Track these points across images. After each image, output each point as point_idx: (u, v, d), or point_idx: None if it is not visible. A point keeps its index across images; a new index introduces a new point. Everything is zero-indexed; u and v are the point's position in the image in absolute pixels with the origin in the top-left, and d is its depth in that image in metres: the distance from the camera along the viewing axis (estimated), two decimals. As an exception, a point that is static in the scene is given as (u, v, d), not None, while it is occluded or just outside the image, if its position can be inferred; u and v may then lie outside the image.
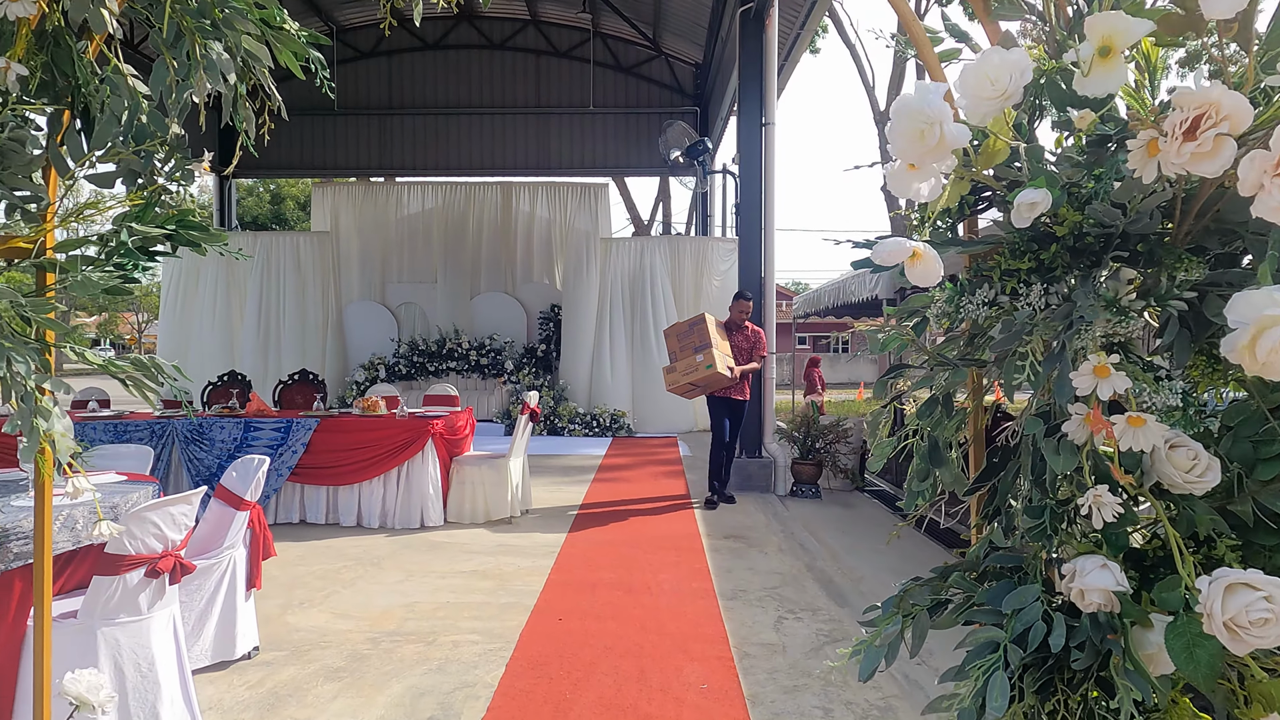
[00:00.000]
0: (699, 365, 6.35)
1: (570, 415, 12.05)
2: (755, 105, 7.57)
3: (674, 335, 6.60)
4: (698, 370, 6.34)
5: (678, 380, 6.46)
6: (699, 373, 6.34)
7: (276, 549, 5.34)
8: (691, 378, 6.37)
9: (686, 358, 6.41)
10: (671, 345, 6.58)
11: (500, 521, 6.12)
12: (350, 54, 15.07)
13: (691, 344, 6.48)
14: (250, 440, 6.04)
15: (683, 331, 6.53)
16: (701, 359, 6.35)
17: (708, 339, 6.41)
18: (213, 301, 13.17)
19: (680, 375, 6.43)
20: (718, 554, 5.29)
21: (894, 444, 1.32)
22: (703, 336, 6.40)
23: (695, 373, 6.34)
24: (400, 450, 5.97)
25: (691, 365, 6.37)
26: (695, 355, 6.41)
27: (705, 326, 6.43)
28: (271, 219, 38.58)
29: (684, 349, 6.46)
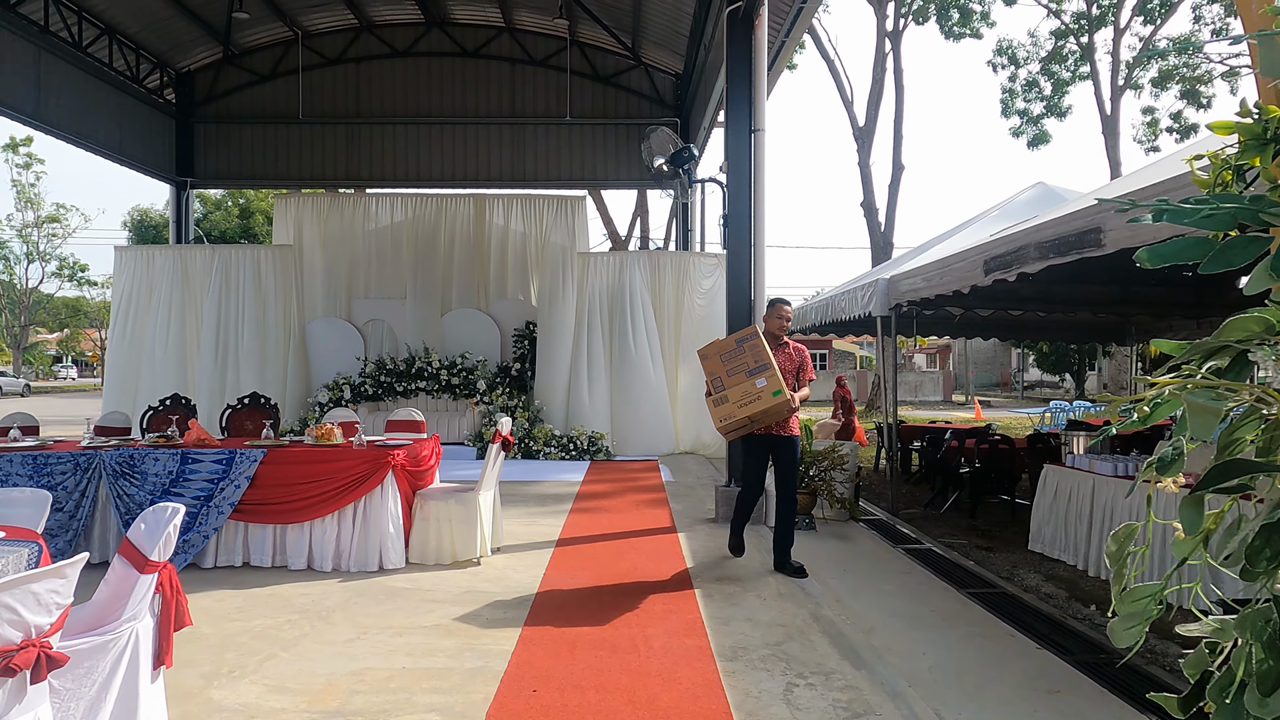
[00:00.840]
0: (760, 393, 5.02)
1: (546, 438, 11.47)
2: (744, 111, 7.12)
3: (715, 356, 5.25)
4: (759, 400, 5.01)
5: (732, 414, 5.07)
6: (761, 402, 5.01)
7: (213, 598, 4.74)
8: (751, 409, 5.02)
9: (740, 384, 5.08)
10: (713, 368, 5.22)
11: (468, 562, 5.53)
12: (316, 60, 14.49)
13: (743, 366, 5.14)
14: (187, 474, 5.41)
15: (728, 351, 5.21)
16: (764, 384, 5.03)
17: (765, 359, 5.13)
18: (167, 318, 12.45)
19: (736, 407, 5.07)
20: (711, 600, 4.75)
21: (1153, 602, 0.80)
22: (759, 356, 5.11)
23: (756, 403, 5.01)
24: (356, 484, 5.37)
25: (749, 393, 5.03)
26: (753, 380, 5.07)
27: (760, 343, 5.16)
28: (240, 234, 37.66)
29: (734, 372, 5.13)
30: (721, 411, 5.13)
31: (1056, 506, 6.57)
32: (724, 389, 5.14)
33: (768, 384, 5.04)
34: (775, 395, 5.02)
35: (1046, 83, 28.18)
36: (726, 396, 5.11)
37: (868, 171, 24.23)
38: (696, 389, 12.25)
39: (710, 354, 5.30)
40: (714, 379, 5.20)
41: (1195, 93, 27.15)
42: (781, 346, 5.49)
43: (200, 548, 5.36)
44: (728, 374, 5.16)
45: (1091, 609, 5.09)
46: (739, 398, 5.07)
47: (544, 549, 6.04)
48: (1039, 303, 8.83)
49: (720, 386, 5.17)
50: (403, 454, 5.54)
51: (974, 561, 6.18)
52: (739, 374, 5.12)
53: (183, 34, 13.48)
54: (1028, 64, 28.35)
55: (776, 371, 5.08)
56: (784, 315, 5.58)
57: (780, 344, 5.50)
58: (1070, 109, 28.15)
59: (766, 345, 5.18)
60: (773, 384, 5.04)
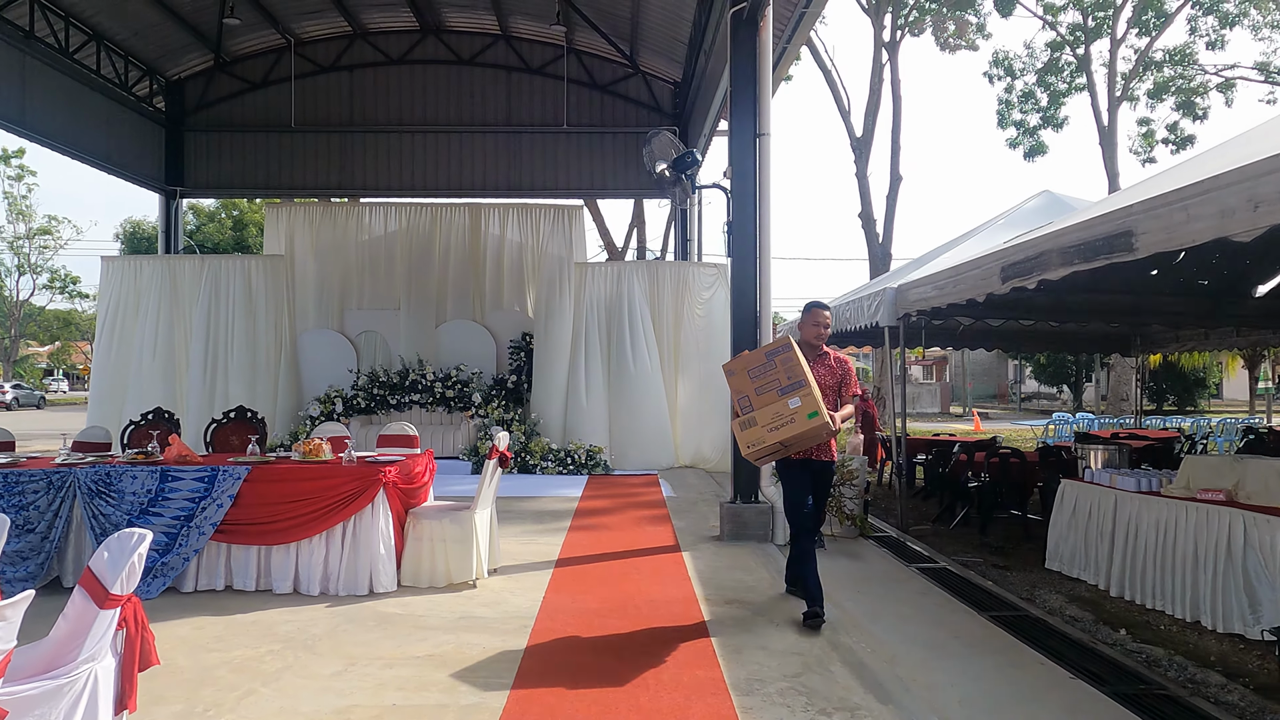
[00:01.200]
0: (795, 414, 4.35)
1: (543, 452, 11.19)
2: (749, 115, 6.91)
3: (742, 372, 4.55)
4: (794, 422, 4.35)
5: (761, 439, 4.40)
6: (797, 425, 4.35)
7: (191, 625, 4.44)
8: (783, 434, 4.37)
9: (771, 404, 4.41)
10: (740, 386, 4.53)
11: (464, 585, 5.25)
12: (309, 68, 14.27)
13: (774, 383, 4.43)
14: (167, 492, 5.13)
15: (757, 366, 4.53)
16: (798, 404, 4.35)
17: (800, 374, 4.42)
18: (154, 330, 12.15)
19: (765, 430, 4.39)
20: (722, 626, 4.47)
21: None
22: (793, 371, 4.42)
23: (791, 426, 4.36)
24: (345, 503, 5.09)
25: (782, 414, 4.37)
26: (785, 400, 4.38)
27: (795, 356, 4.47)
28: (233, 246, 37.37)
29: (764, 391, 4.45)
30: (749, 436, 4.45)
31: (1075, 523, 6.33)
32: (752, 409, 4.46)
33: (802, 404, 4.38)
34: (811, 417, 4.36)
35: (1043, 94, 28.17)
36: (755, 419, 4.44)
37: (865, 182, 24.10)
38: (697, 401, 12.01)
39: (737, 370, 4.60)
40: (741, 398, 4.51)
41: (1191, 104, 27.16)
42: (820, 358, 4.81)
43: (180, 570, 5.07)
44: (756, 392, 4.48)
45: (1122, 633, 4.83)
46: (769, 420, 4.40)
47: (543, 570, 5.76)
48: (1051, 312, 8.61)
49: (748, 407, 4.49)
50: (394, 471, 5.27)
51: (992, 581, 5.92)
52: (769, 392, 4.45)
53: (173, 41, 13.26)
54: (1024, 75, 28.34)
55: (813, 389, 4.42)
56: (821, 322, 4.90)
57: (818, 355, 4.83)
58: (1067, 120, 28.12)
59: (802, 359, 4.49)
60: (808, 404, 4.37)
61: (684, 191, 7.34)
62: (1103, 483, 6.10)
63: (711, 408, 11.81)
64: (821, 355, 4.83)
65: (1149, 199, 3.97)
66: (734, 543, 6.65)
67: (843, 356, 4.94)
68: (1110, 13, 25.75)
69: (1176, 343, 12.47)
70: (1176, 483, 5.51)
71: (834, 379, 4.80)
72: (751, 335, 6.87)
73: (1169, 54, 26.58)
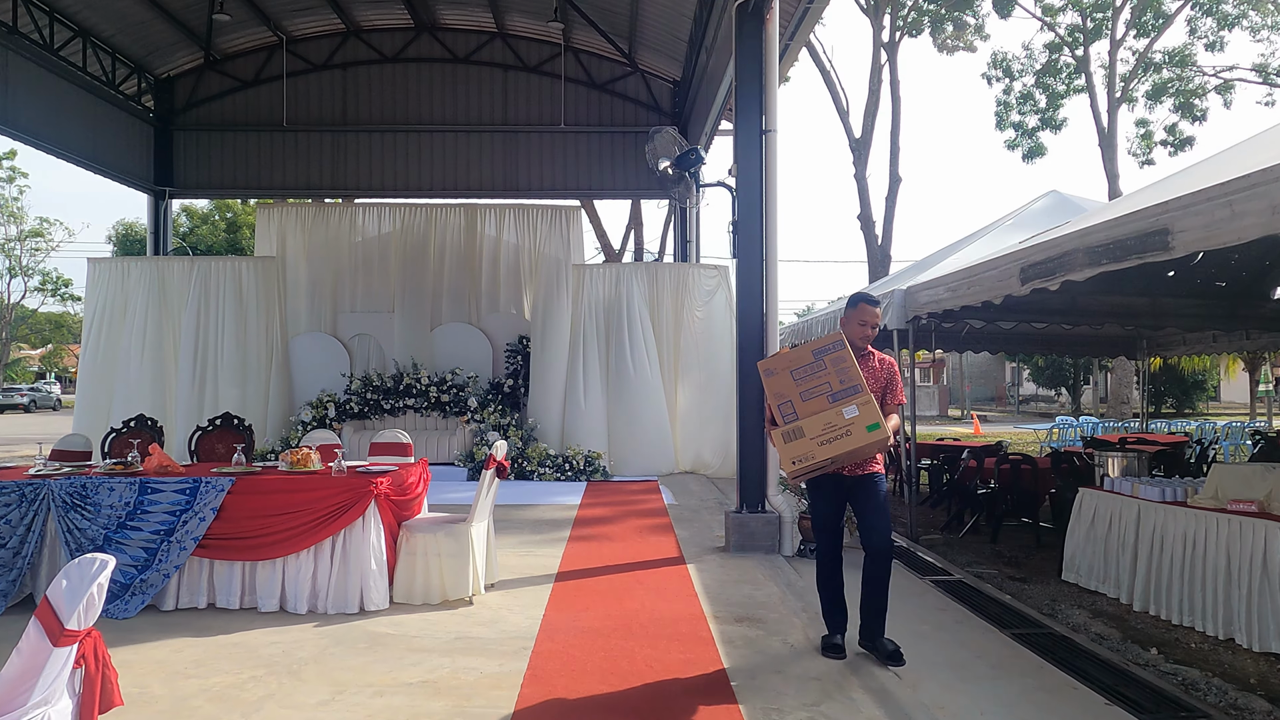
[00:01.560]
0: (850, 426, 3.70)
1: (540, 458, 10.94)
2: (754, 111, 6.68)
3: (784, 372, 3.88)
4: (850, 435, 3.70)
5: (810, 454, 3.73)
6: (851, 439, 3.70)
7: (169, 648, 4.18)
8: (836, 448, 3.71)
9: (820, 412, 3.74)
10: (780, 388, 3.86)
11: (460, 602, 4.99)
12: (301, 66, 14.01)
13: (823, 387, 3.77)
14: (146, 505, 4.86)
15: (802, 365, 3.85)
16: (856, 414, 3.70)
17: (855, 377, 3.77)
18: (142, 333, 11.86)
19: (815, 444, 3.72)
20: (733, 647, 4.23)
21: None
22: (846, 374, 3.77)
23: (844, 440, 3.70)
24: (335, 516, 4.83)
25: (833, 426, 3.71)
26: (839, 408, 3.72)
27: (848, 356, 3.82)
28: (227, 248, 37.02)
29: (811, 395, 3.78)
30: (795, 450, 3.73)
31: (1094, 534, 6.09)
32: (797, 418, 3.76)
33: (860, 414, 3.70)
34: (871, 430, 3.70)
35: (1041, 95, 28.04)
36: (801, 429, 3.73)
37: (864, 184, 23.94)
38: (697, 406, 11.76)
39: (777, 369, 3.89)
40: (782, 403, 3.82)
41: (1190, 106, 27.05)
42: (864, 358, 4.17)
43: (160, 587, 4.80)
44: (802, 397, 3.78)
45: (1153, 652, 4.60)
46: (819, 431, 3.72)
47: (542, 584, 5.51)
48: (1065, 315, 8.39)
49: (791, 415, 3.78)
50: (386, 482, 5.02)
51: (1010, 595, 5.69)
52: (818, 398, 3.77)
53: (161, 38, 12.99)
54: (1022, 76, 28.21)
55: (871, 396, 3.80)
56: (869, 320, 4.21)
57: (862, 355, 4.17)
58: (1065, 121, 27.98)
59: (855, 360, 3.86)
60: (867, 414, 3.72)
61: (686, 189, 7.11)
62: (1124, 492, 5.87)
63: (712, 412, 11.58)
64: (865, 355, 4.21)
65: (1188, 194, 3.74)
66: (740, 554, 6.41)
67: (888, 358, 4.32)
68: (1109, 13, 25.63)
69: (1184, 345, 12.28)
70: (1204, 492, 5.28)
71: (878, 383, 4.18)
72: (758, 338, 6.63)
73: (1168, 55, 26.46)
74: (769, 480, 6.62)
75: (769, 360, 4.06)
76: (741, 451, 6.70)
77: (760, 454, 6.61)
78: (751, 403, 6.66)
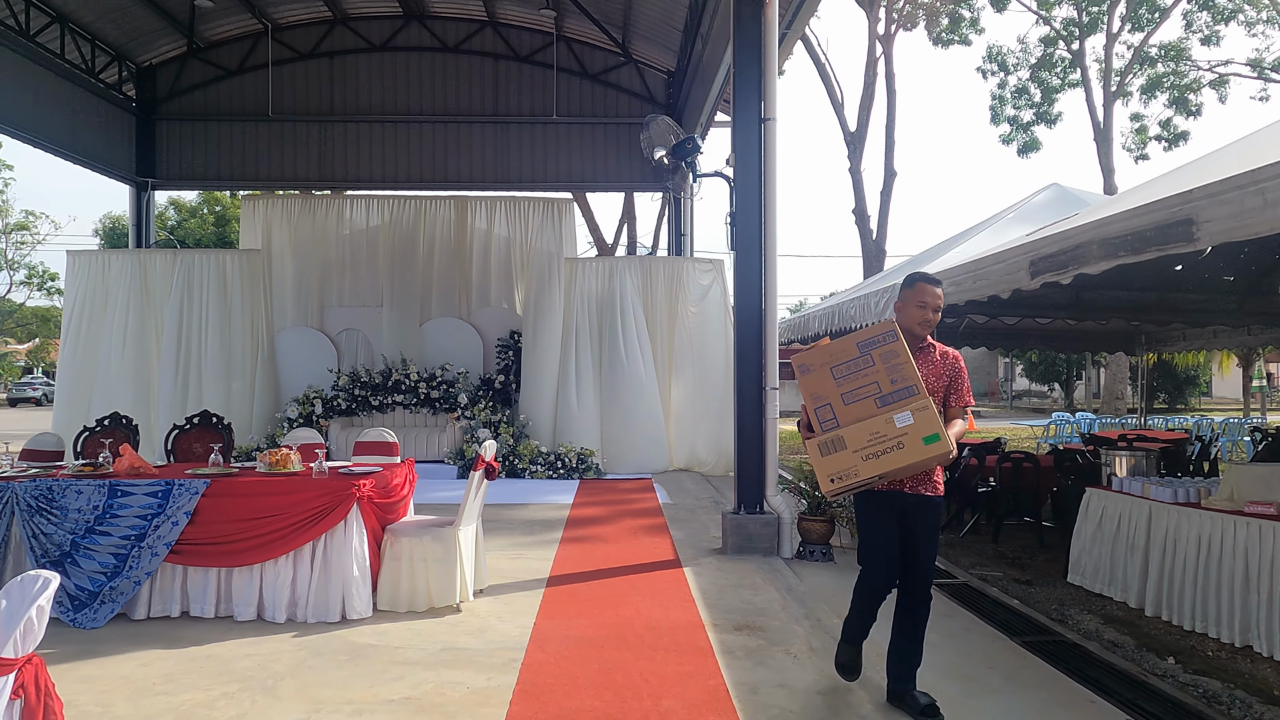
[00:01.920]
0: (905, 437, 3.08)
1: (532, 455, 10.72)
2: (753, 98, 6.46)
3: (822, 368, 3.23)
4: (904, 448, 3.09)
5: (852, 470, 3.13)
6: (908, 452, 3.09)
7: (137, 661, 3.94)
8: (888, 464, 3.11)
9: (866, 418, 3.14)
10: (817, 388, 3.24)
11: (447, 609, 4.77)
12: (287, 54, 13.69)
13: (870, 388, 3.15)
14: (116, 509, 4.62)
15: (844, 361, 3.21)
16: (911, 422, 3.08)
17: (911, 377, 3.15)
18: (123, 328, 11.56)
19: (859, 458, 3.12)
20: (733, 659, 4.02)
21: None
22: (899, 372, 3.15)
23: (898, 454, 3.09)
24: (315, 519, 4.60)
25: (884, 435, 3.10)
26: (889, 414, 3.11)
27: (903, 351, 3.18)
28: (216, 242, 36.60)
29: (855, 398, 3.17)
30: (834, 464, 3.15)
31: (1101, 535, 5.92)
32: (837, 426, 3.17)
33: (916, 422, 3.08)
34: (929, 442, 3.08)
35: (1036, 89, 27.90)
36: (842, 439, 3.14)
37: (859, 177, 23.76)
38: (691, 402, 11.55)
39: (814, 365, 3.24)
40: (819, 407, 3.21)
41: (1184, 100, 26.95)
42: (922, 352, 3.42)
43: (130, 595, 4.57)
44: (844, 400, 3.18)
45: (1170, 661, 4.42)
46: (864, 442, 3.11)
47: (533, 590, 5.29)
48: (1070, 310, 8.22)
49: (830, 421, 3.18)
50: (370, 483, 4.79)
51: (1017, 600, 5.51)
52: (863, 400, 3.16)
53: (143, 25, 12.66)
54: (1018, 70, 28.06)
55: (930, 401, 3.16)
56: (930, 302, 3.43)
57: (919, 347, 3.42)
58: (1060, 116, 27.87)
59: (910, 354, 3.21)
60: (925, 423, 3.09)
61: (682, 180, 6.88)
62: (1134, 492, 5.70)
63: (706, 408, 11.39)
64: (924, 348, 3.44)
65: (1215, 182, 3.54)
66: (738, 556, 6.21)
67: (951, 351, 3.52)
68: (1105, 7, 25.48)
69: (1184, 341, 12.14)
70: (1219, 494, 5.10)
71: (939, 383, 3.42)
72: (756, 333, 6.43)
73: (1163, 49, 26.35)
74: (767, 480, 6.42)
75: (805, 354, 3.31)
76: (739, 450, 6.50)
77: (758, 453, 6.41)
78: (749, 399, 6.45)
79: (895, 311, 3.56)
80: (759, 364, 6.43)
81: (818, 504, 6.38)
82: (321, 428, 11.39)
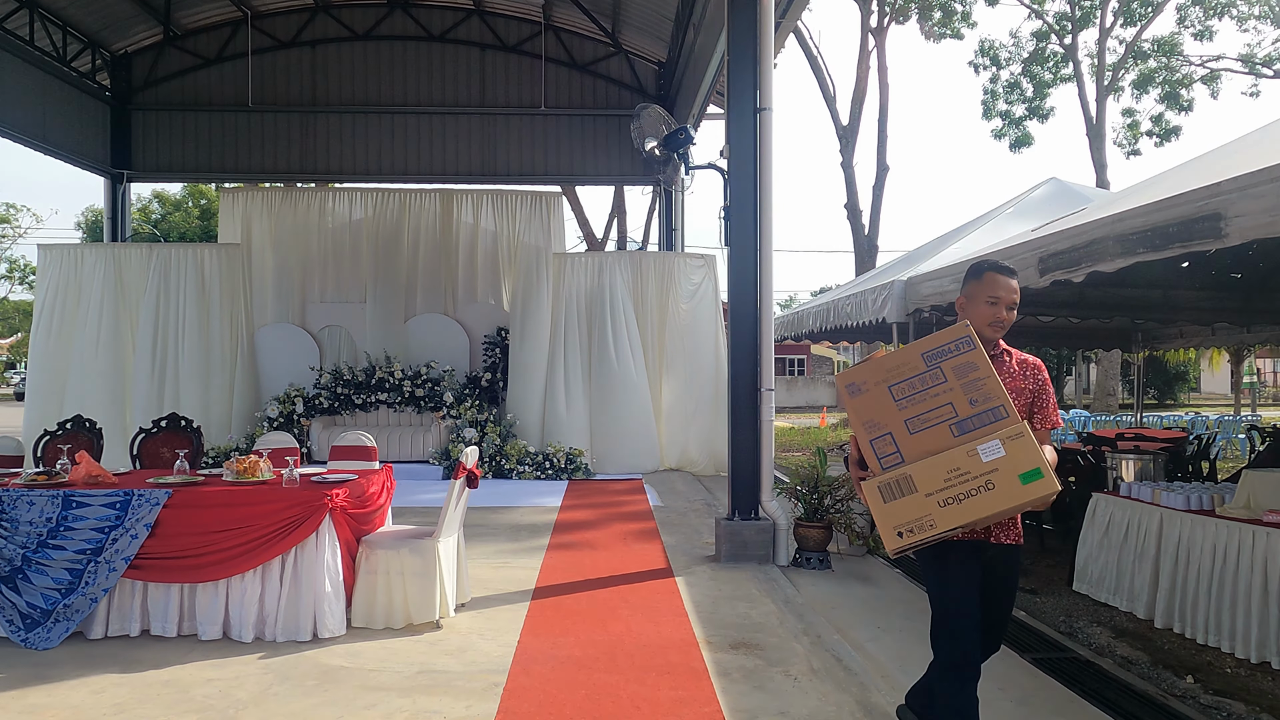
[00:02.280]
0: (993, 474, 2.37)
1: (520, 455, 10.45)
2: (748, 87, 6.19)
3: (878, 387, 2.53)
4: (994, 489, 2.37)
5: (925, 519, 2.41)
6: (999, 496, 2.37)
7: (88, 688, 3.65)
8: (971, 512, 2.38)
9: (940, 448, 2.44)
10: (873, 413, 2.52)
11: (426, 626, 4.51)
12: (268, 43, 13.31)
13: (944, 412, 2.45)
14: (70, 521, 4.33)
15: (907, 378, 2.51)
16: (1002, 455, 2.37)
17: (997, 395, 2.45)
18: (97, 324, 11.19)
19: (933, 504, 2.41)
20: (730, 682, 3.78)
21: None
22: (981, 389, 2.45)
23: (984, 498, 2.37)
24: (285, 531, 4.33)
25: (965, 474, 2.39)
26: (971, 443, 2.41)
27: (982, 360, 2.48)
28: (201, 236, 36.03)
29: (924, 424, 2.46)
30: (901, 513, 2.42)
31: (1108, 542, 5.71)
32: (901, 461, 2.46)
33: (1009, 454, 2.37)
34: (1029, 480, 2.36)
35: (1028, 84, 27.75)
36: (911, 479, 2.42)
37: (851, 172, 23.52)
38: (682, 401, 11.30)
39: (867, 382, 2.54)
40: (878, 436, 2.49)
41: (1176, 96, 26.86)
42: (996, 360, 2.71)
43: (86, 613, 4.28)
44: (909, 427, 2.47)
45: (1189, 680, 4.21)
46: (940, 481, 2.40)
47: (518, 603, 5.03)
48: (1073, 308, 8.01)
49: (892, 456, 2.47)
50: (344, 493, 4.51)
51: (1024, 611, 5.29)
52: (935, 428, 2.45)
53: (117, 11, 12.26)
54: (1010, 65, 27.89)
55: (1025, 426, 2.43)
56: (1005, 296, 2.72)
57: (993, 354, 2.70)
58: (1053, 111, 27.72)
59: (992, 366, 2.49)
60: (1021, 454, 2.37)
61: (674, 172, 6.62)
62: (1143, 499, 5.48)
63: (697, 407, 11.16)
64: (997, 355, 2.75)
65: (1246, 174, 3.31)
66: (732, 565, 5.97)
67: (1031, 359, 2.82)
68: (1098, 1, 25.33)
69: (1181, 338, 11.97)
70: (1235, 501, 4.89)
71: (1022, 399, 2.73)
72: (751, 332, 6.18)
73: (1156, 43, 26.23)
74: (763, 485, 6.18)
75: (855, 370, 2.59)
76: (733, 454, 6.25)
77: (753, 456, 6.16)
78: (744, 400, 6.21)
79: (959, 309, 2.84)
80: (754, 363, 6.18)
81: (815, 509, 6.15)
82: (303, 427, 11.09)
